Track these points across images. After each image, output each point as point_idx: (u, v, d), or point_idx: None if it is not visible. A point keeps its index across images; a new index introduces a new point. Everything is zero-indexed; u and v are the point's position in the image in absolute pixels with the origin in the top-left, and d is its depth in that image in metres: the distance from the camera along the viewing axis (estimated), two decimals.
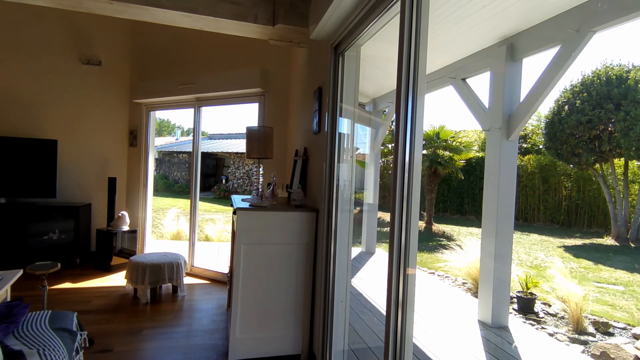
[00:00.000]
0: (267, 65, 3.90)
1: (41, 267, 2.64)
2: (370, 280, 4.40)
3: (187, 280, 4.12)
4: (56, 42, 4.59)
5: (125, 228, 4.49)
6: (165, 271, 3.50)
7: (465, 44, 2.71)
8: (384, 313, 1.43)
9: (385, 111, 5.34)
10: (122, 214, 4.50)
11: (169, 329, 2.92)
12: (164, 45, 4.63)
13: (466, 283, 4.44)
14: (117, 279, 4.05)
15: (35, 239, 4.25)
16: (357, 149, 3.10)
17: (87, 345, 2.41)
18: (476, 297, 3.62)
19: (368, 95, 5.25)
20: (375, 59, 2.79)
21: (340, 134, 2.26)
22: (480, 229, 2.89)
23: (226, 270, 3.80)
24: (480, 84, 2.98)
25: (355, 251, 5.58)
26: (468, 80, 2.98)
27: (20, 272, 2.50)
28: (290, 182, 3.16)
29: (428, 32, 1.37)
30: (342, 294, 2.23)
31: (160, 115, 5.28)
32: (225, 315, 3.22)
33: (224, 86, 4.01)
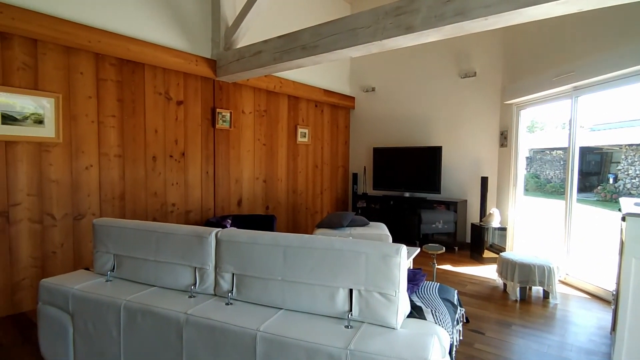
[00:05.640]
0: None
1: (432, 248, 3.39)
2: None
3: (560, 288, 3.81)
4: (441, 65, 5.60)
5: (496, 225, 4.77)
6: (535, 273, 3.44)
7: None
8: None
9: None
10: (493, 211, 4.81)
11: (538, 333, 2.88)
12: (534, 42, 4.48)
13: None
14: (488, 271, 4.40)
15: (426, 225, 5.40)
16: None
17: (465, 321, 2.86)
18: None
19: None
20: None
21: None
22: None
23: (611, 287, 3.20)
24: None
25: None
26: None
27: (419, 249, 3.34)
28: None
29: None
30: None
31: (529, 112, 5.03)
32: (608, 339, 2.74)
33: (611, 67, 3.35)
